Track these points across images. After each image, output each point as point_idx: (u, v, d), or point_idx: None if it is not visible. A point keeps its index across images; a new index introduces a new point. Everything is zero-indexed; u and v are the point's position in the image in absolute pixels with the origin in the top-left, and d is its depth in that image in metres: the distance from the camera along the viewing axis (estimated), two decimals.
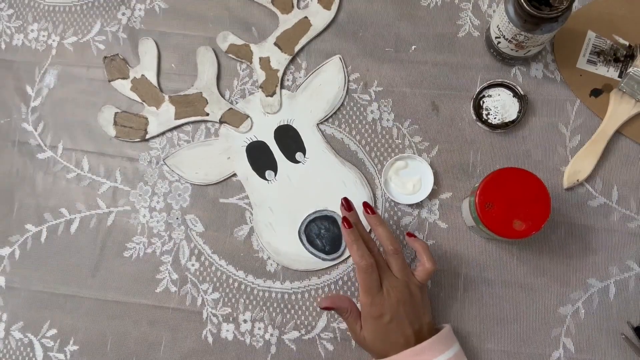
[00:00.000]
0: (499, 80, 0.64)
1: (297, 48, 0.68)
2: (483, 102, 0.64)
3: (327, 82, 0.67)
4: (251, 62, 0.68)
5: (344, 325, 0.62)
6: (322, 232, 0.64)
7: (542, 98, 0.64)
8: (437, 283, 0.62)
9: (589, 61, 0.64)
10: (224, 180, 0.66)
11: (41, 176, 0.68)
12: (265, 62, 0.67)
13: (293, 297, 0.63)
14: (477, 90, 0.64)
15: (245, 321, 0.63)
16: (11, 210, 0.68)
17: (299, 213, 0.64)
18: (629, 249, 0.61)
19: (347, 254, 0.63)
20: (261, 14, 0.69)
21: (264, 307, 0.63)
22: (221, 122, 0.67)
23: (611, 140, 0.62)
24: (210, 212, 0.66)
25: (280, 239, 0.64)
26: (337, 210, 0.64)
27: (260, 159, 0.66)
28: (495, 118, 0.64)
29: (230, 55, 0.68)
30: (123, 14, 0.71)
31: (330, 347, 0.62)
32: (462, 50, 0.66)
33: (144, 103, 0.68)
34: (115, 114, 0.68)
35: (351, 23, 0.68)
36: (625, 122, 0.62)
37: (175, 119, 0.67)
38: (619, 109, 0.62)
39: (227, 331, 0.63)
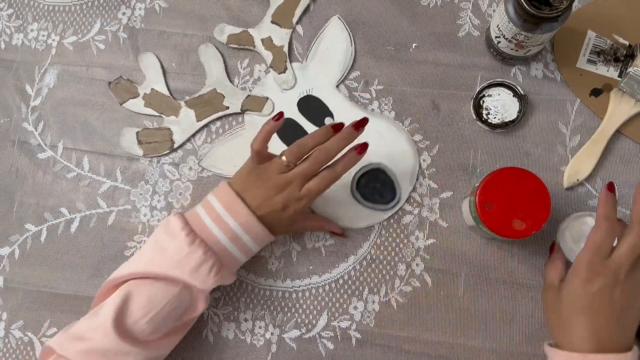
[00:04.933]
0: (499, 79, 0.64)
1: (294, 20, 0.68)
2: (483, 101, 0.64)
3: (333, 44, 0.67)
4: (254, 46, 0.68)
5: (344, 324, 0.62)
6: (374, 185, 0.64)
7: (542, 98, 0.65)
8: (437, 282, 0.62)
9: (589, 61, 0.64)
10: None
11: (41, 176, 0.68)
12: (268, 42, 0.68)
13: (294, 295, 0.64)
14: (477, 89, 0.64)
15: (246, 320, 0.63)
16: (11, 209, 0.68)
17: (345, 175, 0.64)
18: None
19: (404, 197, 0.64)
20: (261, 13, 0.69)
21: (264, 306, 0.63)
22: (243, 111, 0.67)
23: (611, 140, 0.63)
24: None
25: (336, 204, 0.64)
26: (382, 161, 0.64)
27: (291, 135, 0.66)
28: (495, 118, 0.64)
29: (232, 45, 0.68)
30: (123, 14, 0.71)
31: (330, 345, 0.62)
32: (462, 50, 0.66)
33: (162, 115, 0.68)
34: (137, 133, 0.68)
35: (352, 22, 0.68)
36: (626, 122, 0.62)
37: (198, 121, 0.67)
38: (619, 109, 0.62)
39: (228, 330, 0.63)
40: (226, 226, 0.54)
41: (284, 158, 0.55)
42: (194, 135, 0.67)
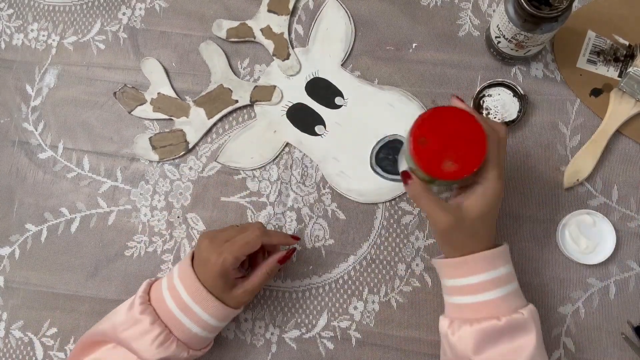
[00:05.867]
0: (499, 79, 0.64)
1: (290, 6, 0.68)
2: (483, 101, 0.64)
3: (332, 24, 0.68)
4: (254, 37, 0.68)
5: (344, 324, 0.62)
6: (393, 156, 0.64)
7: (542, 98, 0.65)
8: (437, 282, 0.62)
9: (589, 61, 0.64)
10: (278, 155, 0.66)
11: (41, 176, 0.68)
12: (267, 31, 0.68)
13: (294, 295, 0.64)
14: (478, 89, 0.64)
15: (246, 320, 0.63)
16: (11, 209, 0.68)
17: (363, 150, 0.65)
18: (629, 248, 0.61)
19: None
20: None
21: (264, 306, 0.63)
22: (253, 102, 0.67)
23: (611, 140, 0.63)
24: (212, 211, 0.66)
25: (358, 180, 0.65)
26: (397, 132, 0.64)
27: (304, 119, 0.66)
28: (495, 117, 0.64)
29: (232, 39, 0.68)
30: (123, 14, 0.71)
31: (330, 345, 0.62)
32: (462, 50, 0.66)
33: (172, 117, 0.68)
34: (150, 139, 0.68)
35: (352, 22, 0.68)
36: (625, 122, 0.62)
37: (209, 118, 0.67)
38: (619, 109, 0.62)
39: (228, 330, 0.63)
40: (177, 295, 0.54)
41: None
42: (207, 132, 0.67)
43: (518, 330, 0.49)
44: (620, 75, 0.64)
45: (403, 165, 0.55)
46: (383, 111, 0.66)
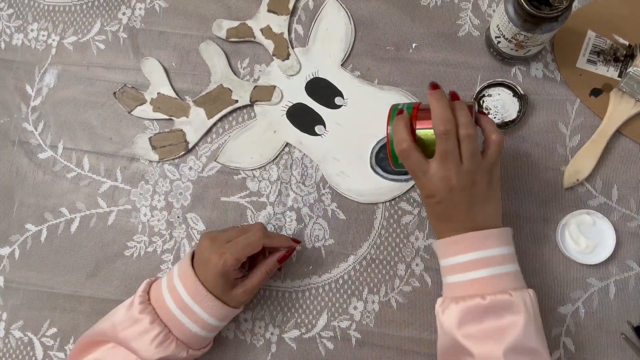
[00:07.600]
0: (499, 79, 0.64)
1: (290, 6, 0.68)
2: (483, 101, 0.64)
3: (332, 24, 0.68)
4: (254, 37, 0.68)
5: (344, 324, 0.62)
6: None
7: (542, 98, 0.65)
8: (437, 282, 0.62)
9: (589, 61, 0.64)
10: (278, 155, 0.66)
11: (41, 176, 0.69)
12: (267, 31, 0.68)
13: (294, 295, 0.64)
14: (477, 89, 0.64)
15: (245, 320, 0.63)
16: (11, 209, 0.68)
17: (363, 150, 0.65)
18: (629, 248, 0.61)
19: None
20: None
21: (264, 306, 0.63)
22: (253, 102, 0.67)
23: (611, 140, 0.63)
24: (212, 211, 0.66)
25: (357, 180, 0.65)
26: None
27: (304, 119, 0.67)
28: (495, 117, 0.64)
29: (232, 39, 0.68)
30: (123, 14, 0.71)
31: (330, 345, 0.62)
32: (462, 50, 0.66)
33: (172, 117, 0.68)
34: (150, 139, 0.68)
35: (352, 22, 0.68)
36: (625, 122, 0.62)
37: (209, 118, 0.67)
38: (618, 109, 0.62)
39: (228, 330, 0.63)
40: (177, 295, 0.54)
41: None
42: (207, 132, 0.67)
43: (505, 311, 0.49)
44: (620, 75, 0.64)
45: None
46: (383, 111, 0.65)
